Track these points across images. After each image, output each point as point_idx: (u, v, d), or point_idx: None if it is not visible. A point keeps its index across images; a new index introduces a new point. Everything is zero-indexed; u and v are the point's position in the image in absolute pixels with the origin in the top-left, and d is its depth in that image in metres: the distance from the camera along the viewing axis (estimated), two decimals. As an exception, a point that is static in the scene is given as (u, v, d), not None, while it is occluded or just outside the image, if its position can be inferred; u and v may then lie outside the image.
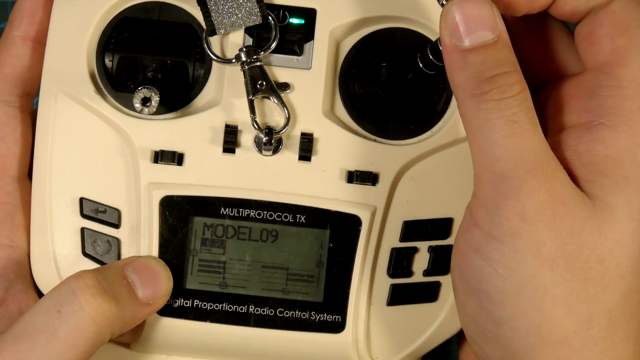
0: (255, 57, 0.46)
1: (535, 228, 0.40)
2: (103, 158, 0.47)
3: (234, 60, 0.46)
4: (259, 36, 0.47)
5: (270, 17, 0.47)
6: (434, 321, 0.48)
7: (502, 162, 0.40)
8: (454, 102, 0.48)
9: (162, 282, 0.45)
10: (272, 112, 0.47)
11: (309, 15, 0.47)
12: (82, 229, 0.47)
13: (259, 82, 0.46)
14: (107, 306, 0.42)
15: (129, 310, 0.44)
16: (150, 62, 0.48)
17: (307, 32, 0.47)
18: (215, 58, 0.47)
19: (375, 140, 0.47)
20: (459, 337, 0.50)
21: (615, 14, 0.43)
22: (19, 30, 0.48)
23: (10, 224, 0.47)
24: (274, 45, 0.47)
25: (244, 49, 0.46)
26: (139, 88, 0.45)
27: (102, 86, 0.47)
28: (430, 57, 0.46)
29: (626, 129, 0.41)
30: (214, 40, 0.47)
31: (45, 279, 0.47)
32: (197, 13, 0.47)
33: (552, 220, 0.40)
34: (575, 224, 0.40)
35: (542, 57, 0.47)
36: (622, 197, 0.40)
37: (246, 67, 0.46)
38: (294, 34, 0.47)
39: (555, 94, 0.45)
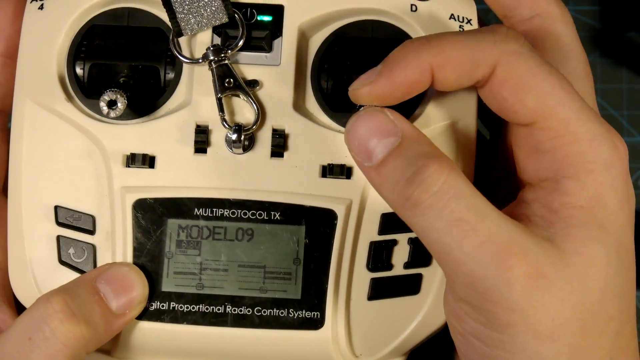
0: (222, 55, 0.46)
1: (526, 314, 0.39)
2: (76, 165, 0.46)
3: (201, 60, 0.46)
4: (226, 35, 0.47)
5: (236, 16, 0.46)
6: (417, 314, 0.47)
7: (468, 263, 0.39)
8: (428, 92, 0.47)
9: (137, 290, 0.45)
10: (243, 110, 0.47)
11: (277, 11, 0.47)
12: (58, 237, 0.46)
13: (227, 79, 0.46)
14: (77, 330, 0.42)
15: (102, 326, 0.43)
16: (121, 68, 0.48)
17: (275, 28, 0.47)
18: (183, 59, 0.46)
19: None
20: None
21: (506, 81, 0.41)
22: None
23: None
24: (241, 43, 0.47)
25: (211, 48, 0.46)
26: (105, 91, 0.45)
27: (72, 93, 0.47)
28: None
29: (587, 174, 0.40)
30: (182, 42, 0.47)
31: (23, 290, 0.47)
32: (166, 17, 0.47)
33: (539, 298, 0.39)
34: (561, 290, 0.39)
35: None
36: (600, 247, 0.40)
37: (214, 65, 0.46)
38: (262, 31, 0.47)
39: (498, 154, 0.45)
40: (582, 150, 0.41)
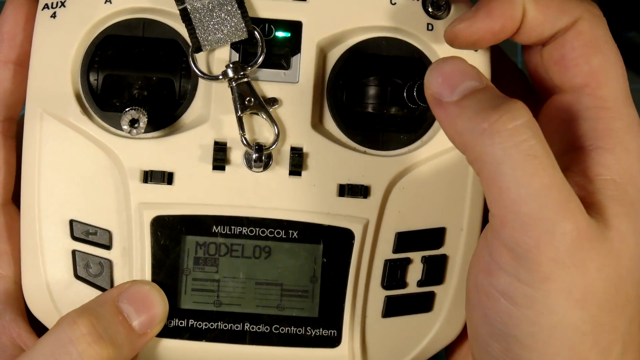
0: (242, 73, 0.46)
1: (567, 271, 0.39)
2: (92, 179, 0.46)
3: (220, 77, 0.46)
4: (245, 51, 0.47)
5: (256, 32, 0.46)
6: (430, 331, 0.48)
7: (530, 202, 0.38)
8: None
9: (158, 308, 0.45)
10: (261, 128, 0.47)
11: (295, 28, 0.47)
12: (74, 252, 0.46)
13: (247, 98, 0.46)
14: (104, 352, 0.42)
15: (127, 347, 0.44)
16: (135, 80, 0.47)
17: (293, 45, 0.47)
18: (202, 75, 0.46)
19: (365, 152, 0.47)
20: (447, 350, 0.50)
21: (583, 34, 0.43)
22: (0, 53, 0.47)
23: None
24: (260, 60, 0.46)
25: (231, 65, 0.46)
26: (127, 110, 0.45)
27: (87, 106, 0.47)
28: (415, 95, 0.46)
29: (623, 151, 0.41)
30: (200, 57, 0.47)
31: (38, 304, 0.47)
32: (181, 29, 0.47)
33: (582, 260, 0.39)
34: (600, 259, 0.39)
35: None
36: (632, 225, 0.40)
37: (233, 83, 0.46)
38: (281, 48, 0.47)
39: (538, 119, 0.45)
40: (622, 128, 0.42)
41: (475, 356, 0.43)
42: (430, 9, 0.48)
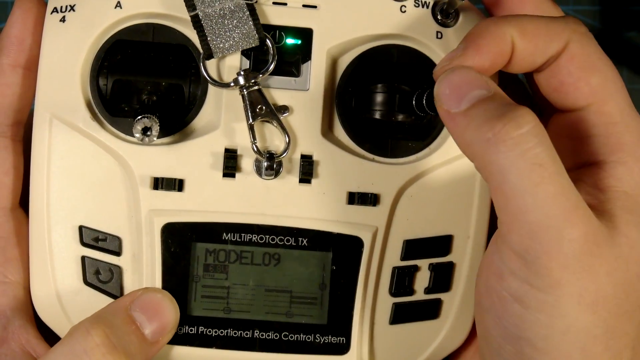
0: (253, 80, 0.46)
1: (578, 276, 0.39)
2: (101, 185, 0.46)
3: (232, 84, 0.46)
4: (256, 58, 0.47)
5: (267, 39, 0.46)
6: (437, 338, 0.48)
7: (536, 211, 0.38)
8: None
9: (169, 316, 0.45)
10: (272, 135, 0.47)
11: (306, 35, 0.47)
12: (83, 258, 0.47)
13: (259, 106, 0.46)
14: None
15: (140, 356, 0.44)
16: (145, 85, 0.47)
17: (304, 52, 0.47)
18: (214, 82, 0.46)
19: (374, 160, 0.47)
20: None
21: (576, 56, 0.43)
22: (8, 58, 0.47)
23: (3, 258, 0.47)
24: (272, 67, 0.46)
25: (242, 73, 0.46)
26: (139, 118, 0.45)
27: (97, 112, 0.47)
28: (424, 103, 0.46)
29: (635, 163, 0.42)
30: (210, 63, 0.47)
31: (48, 311, 0.47)
32: (191, 34, 0.47)
33: (591, 265, 0.39)
34: (609, 264, 0.40)
35: None
36: (634, 227, 0.41)
37: (245, 91, 0.46)
38: (291, 55, 0.47)
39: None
40: (633, 141, 0.42)
41: (486, 359, 0.44)
42: (439, 17, 0.48)
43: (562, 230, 0.38)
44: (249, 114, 0.46)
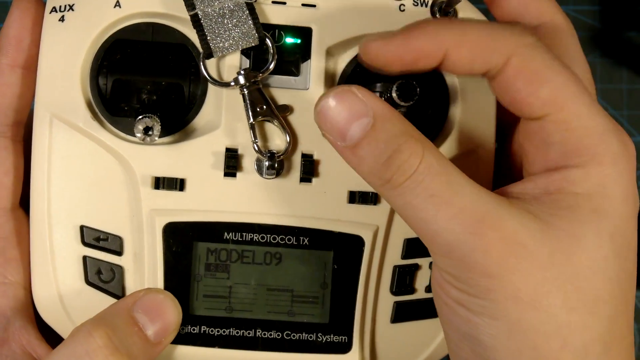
0: (253, 80, 0.46)
1: (505, 279, 0.39)
2: (102, 185, 0.46)
3: (232, 84, 0.46)
4: (256, 57, 0.47)
5: (267, 39, 0.46)
6: (437, 336, 0.49)
7: (442, 234, 0.40)
8: (450, 117, 0.48)
9: (172, 317, 0.45)
10: (272, 134, 0.47)
11: (305, 34, 0.47)
12: (84, 257, 0.47)
13: (259, 105, 0.46)
14: None
15: (142, 357, 0.44)
16: (145, 84, 0.47)
17: (303, 51, 0.47)
18: (213, 82, 0.46)
19: None
20: None
21: (522, 71, 0.42)
22: (7, 58, 0.47)
23: (2, 259, 0.47)
24: (272, 66, 0.46)
25: (242, 72, 0.46)
26: (140, 117, 0.45)
27: (97, 111, 0.47)
28: (394, 96, 0.46)
29: (595, 166, 0.41)
30: (210, 63, 0.47)
31: (49, 311, 0.47)
32: (190, 33, 0.47)
33: (517, 264, 0.39)
34: (541, 260, 0.40)
35: None
36: (589, 229, 0.41)
37: (245, 90, 0.46)
38: (291, 54, 0.47)
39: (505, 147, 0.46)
40: (592, 143, 0.41)
41: (451, 357, 0.44)
42: (438, 15, 0.48)
43: (471, 245, 0.39)
44: (250, 113, 0.46)
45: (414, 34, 0.42)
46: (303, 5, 0.47)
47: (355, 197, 0.47)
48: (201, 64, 0.46)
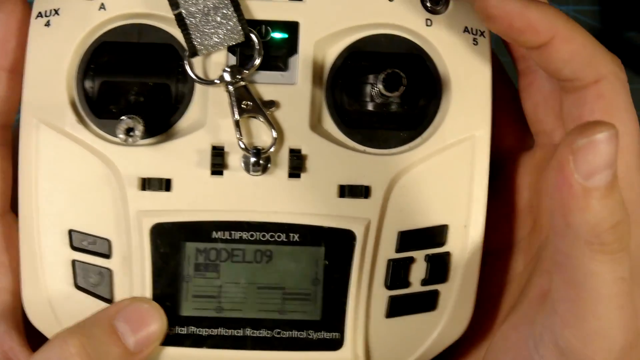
0: (239, 76, 0.45)
1: None
2: (89, 188, 0.46)
3: (217, 82, 0.46)
4: (242, 54, 0.46)
5: (252, 35, 0.46)
6: (435, 330, 0.47)
7: (606, 330, 0.39)
8: (442, 107, 0.47)
9: (155, 326, 0.45)
10: (259, 130, 0.46)
11: (292, 28, 0.47)
12: (73, 262, 0.46)
13: (244, 102, 0.45)
14: None
15: None
16: (131, 86, 0.47)
17: (290, 46, 0.47)
18: (199, 80, 0.46)
19: (364, 152, 0.47)
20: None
21: (603, 98, 0.42)
22: None
23: None
24: (257, 63, 0.46)
25: (228, 69, 0.45)
26: (122, 118, 0.45)
27: (83, 114, 0.46)
28: (380, 88, 0.46)
29: (635, 225, 0.40)
30: (196, 61, 0.46)
31: (39, 316, 0.46)
32: (176, 33, 0.47)
33: None
34: None
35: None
36: None
37: (230, 87, 0.45)
38: (278, 49, 0.47)
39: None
40: (632, 199, 0.41)
41: None
42: (429, 4, 0.47)
43: (615, 338, 0.39)
44: (235, 109, 0.45)
45: (533, 6, 0.42)
46: None
47: (345, 191, 0.46)
48: (186, 62, 0.46)
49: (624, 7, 0.71)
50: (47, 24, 0.46)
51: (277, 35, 0.47)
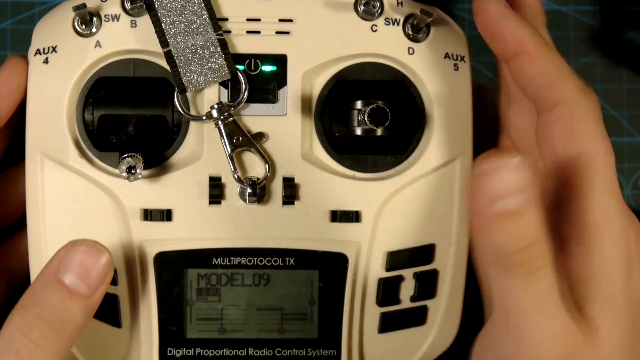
0: (227, 113, 0.48)
1: None
2: (95, 219, 0.48)
3: (205, 118, 0.48)
4: (233, 88, 0.48)
5: (239, 73, 0.48)
6: (424, 343, 0.50)
7: (532, 341, 0.41)
8: (427, 132, 0.49)
9: (101, 261, 0.44)
10: (253, 161, 0.49)
11: (280, 61, 0.49)
12: None
13: (236, 137, 0.48)
14: (56, 334, 0.42)
15: (81, 315, 0.43)
16: (130, 118, 0.49)
17: (280, 78, 0.49)
18: (188, 116, 0.48)
19: (354, 176, 0.49)
20: None
21: (562, 120, 0.43)
22: None
23: None
24: (244, 98, 0.48)
25: (216, 107, 0.48)
26: (123, 157, 0.47)
27: (85, 148, 0.49)
28: (366, 119, 0.47)
29: (596, 246, 0.42)
30: (189, 95, 0.49)
31: None
32: (170, 67, 0.49)
33: None
34: None
35: None
36: (606, 316, 0.42)
37: (220, 123, 0.48)
38: (268, 82, 0.49)
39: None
40: (596, 220, 0.42)
41: None
42: (410, 33, 0.49)
43: (546, 349, 0.41)
44: (227, 145, 0.48)
45: (511, 17, 0.44)
46: (277, 32, 0.49)
47: (337, 216, 0.49)
48: (176, 99, 0.48)
49: (624, 7, 0.72)
50: (46, 61, 0.49)
51: (267, 68, 0.49)
